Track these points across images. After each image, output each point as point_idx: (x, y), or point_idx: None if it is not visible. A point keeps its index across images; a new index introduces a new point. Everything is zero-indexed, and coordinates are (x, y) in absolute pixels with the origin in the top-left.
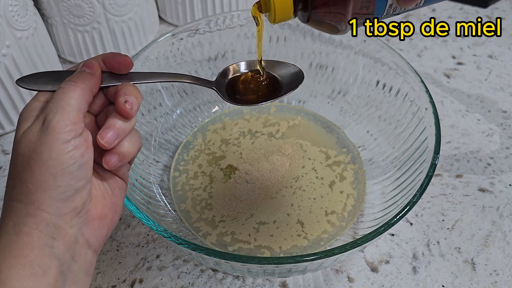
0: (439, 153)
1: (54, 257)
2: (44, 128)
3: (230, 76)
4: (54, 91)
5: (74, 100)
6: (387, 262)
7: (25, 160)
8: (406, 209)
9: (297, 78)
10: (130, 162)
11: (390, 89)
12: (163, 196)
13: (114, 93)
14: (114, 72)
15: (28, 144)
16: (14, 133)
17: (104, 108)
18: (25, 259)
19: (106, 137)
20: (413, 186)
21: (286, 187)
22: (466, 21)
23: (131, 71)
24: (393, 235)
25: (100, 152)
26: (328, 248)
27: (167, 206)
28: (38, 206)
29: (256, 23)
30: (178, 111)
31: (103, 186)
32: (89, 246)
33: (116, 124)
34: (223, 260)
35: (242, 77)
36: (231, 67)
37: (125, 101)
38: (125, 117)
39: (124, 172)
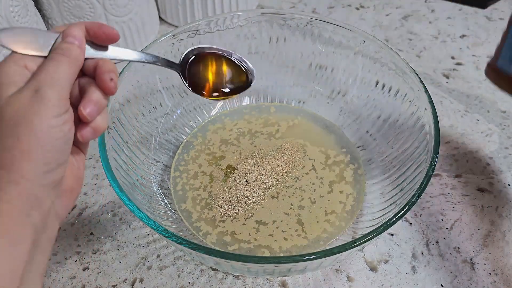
0: (438, 153)
1: (30, 227)
2: (37, 98)
3: (191, 60)
4: (37, 56)
5: (66, 74)
6: (387, 261)
7: (10, 125)
8: (405, 209)
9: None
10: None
11: (390, 90)
12: (163, 196)
13: (91, 65)
14: (94, 42)
15: (16, 111)
16: None
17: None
18: (3, 227)
19: (89, 109)
20: (412, 186)
21: (286, 187)
22: (465, 22)
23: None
24: (392, 234)
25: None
26: (328, 247)
27: (167, 206)
28: (22, 174)
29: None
30: (178, 111)
31: (71, 159)
32: (57, 217)
33: (98, 98)
34: (223, 260)
35: (206, 69)
36: (195, 51)
37: (111, 79)
38: (109, 94)
39: (86, 146)
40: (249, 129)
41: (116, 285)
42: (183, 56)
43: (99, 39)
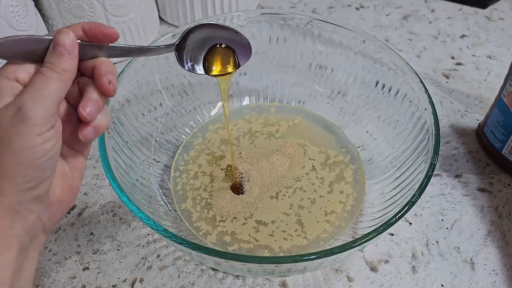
0: (438, 153)
1: (15, 237)
2: (19, 117)
3: (190, 42)
4: (25, 63)
5: (55, 91)
6: (387, 261)
7: None
8: (405, 209)
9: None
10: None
11: (390, 90)
12: (163, 196)
13: (89, 66)
14: (90, 42)
15: None
16: None
17: (74, 80)
18: None
19: (88, 109)
20: (412, 186)
21: (286, 187)
22: (465, 22)
23: None
24: (392, 234)
25: (72, 129)
26: (328, 247)
27: (167, 206)
28: (1, 192)
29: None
30: (178, 112)
31: (63, 169)
32: (44, 229)
33: (97, 97)
34: (223, 260)
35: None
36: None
37: (109, 81)
38: (108, 96)
39: (88, 148)
40: (249, 128)
41: (116, 285)
42: (181, 35)
43: (97, 40)
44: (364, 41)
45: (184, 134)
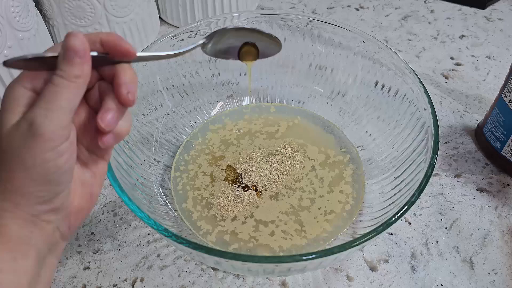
0: (437, 153)
1: (32, 247)
2: (31, 133)
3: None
4: (41, 70)
5: (66, 101)
6: (386, 261)
7: (4, 159)
8: (404, 209)
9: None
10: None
11: (389, 90)
12: (164, 196)
13: (109, 72)
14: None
15: (11, 145)
16: None
17: (95, 83)
18: (3, 245)
19: (107, 121)
20: (412, 185)
21: (285, 187)
22: (465, 22)
23: None
24: (392, 234)
25: (93, 134)
26: (327, 247)
27: (168, 206)
28: (16, 205)
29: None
30: (178, 112)
31: (83, 176)
32: (63, 237)
33: (115, 107)
34: (224, 259)
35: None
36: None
37: (128, 92)
38: (127, 106)
39: (109, 153)
40: (249, 129)
41: (116, 284)
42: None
43: (116, 56)
44: (364, 42)
45: (184, 134)
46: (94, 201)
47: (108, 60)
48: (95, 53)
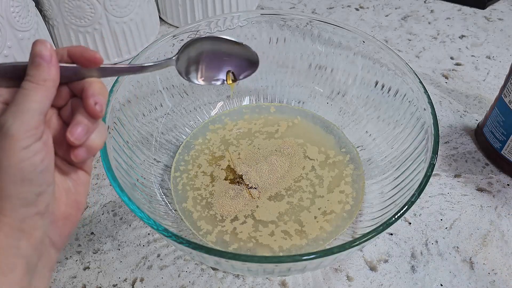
0: (437, 153)
1: (20, 257)
2: (2, 135)
3: (192, 54)
4: (11, 87)
5: (35, 103)
6: (386, 261)
7: None
8: (404, 209)
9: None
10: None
11: (389, 90)
12: (164, 196)
13: (79, 87)
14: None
15: None
16: None
17: (68, 100)
18: None
19: (76, 134)
20: (412, 185)
21: (285, 187)
22: (465, 22)
23: None
24: (391, 234)
25: (67, 146)
26: (327, 247)
27: (168, 206)
28: (0, 211)
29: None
30: (178, 112)
31: (66, 185)
32: (53, 245)
33: (85, 121)
34: (223, 259)
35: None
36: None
37: (95, 103)
38: (95, 118)
39: (88, 164)
40: (249, 129)
41: (116, 284)
42: (178, 50)
43: (82, 64)
44: (364, 42)
45: (184, 134)
46: (81, 208)
47: (78, 74)
48: (63, 64)
